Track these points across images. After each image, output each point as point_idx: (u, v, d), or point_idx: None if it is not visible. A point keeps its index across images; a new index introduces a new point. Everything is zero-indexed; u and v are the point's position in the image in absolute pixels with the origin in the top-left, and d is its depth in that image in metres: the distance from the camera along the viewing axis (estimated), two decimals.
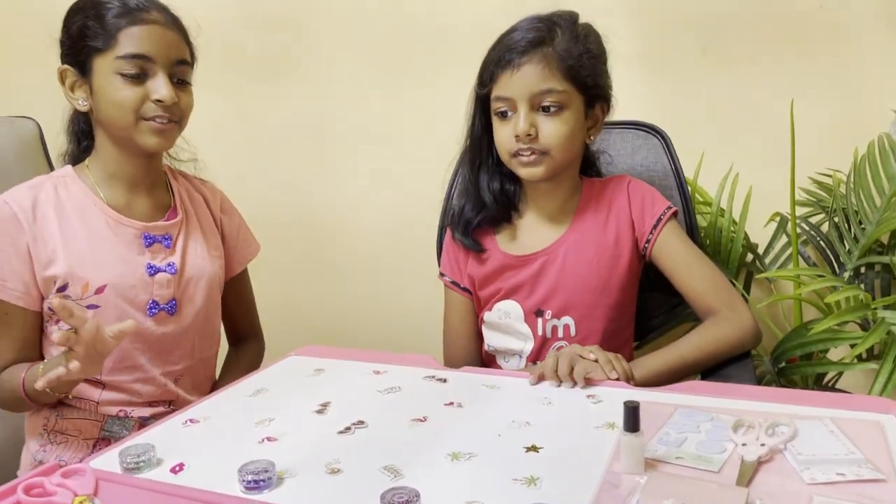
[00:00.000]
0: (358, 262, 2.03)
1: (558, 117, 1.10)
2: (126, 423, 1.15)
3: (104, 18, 1.08)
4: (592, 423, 0.87)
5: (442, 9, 1.84)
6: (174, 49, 1.11)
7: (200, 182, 1.30)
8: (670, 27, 1.69)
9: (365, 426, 0.89)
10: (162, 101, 1.08)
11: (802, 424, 0.81)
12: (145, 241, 1.15)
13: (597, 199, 1.20)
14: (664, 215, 1.17)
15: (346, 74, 1.95)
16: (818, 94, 1.59)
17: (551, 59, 1.09)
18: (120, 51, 1.07)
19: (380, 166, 1.97)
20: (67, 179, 1.15)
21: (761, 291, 1.70)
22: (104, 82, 1.09)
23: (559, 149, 1.11)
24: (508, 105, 1.11)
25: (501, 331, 1.23)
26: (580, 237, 1.18)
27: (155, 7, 1.11)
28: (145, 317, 1.14)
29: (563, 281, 1.17)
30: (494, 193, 1.21)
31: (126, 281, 1.12)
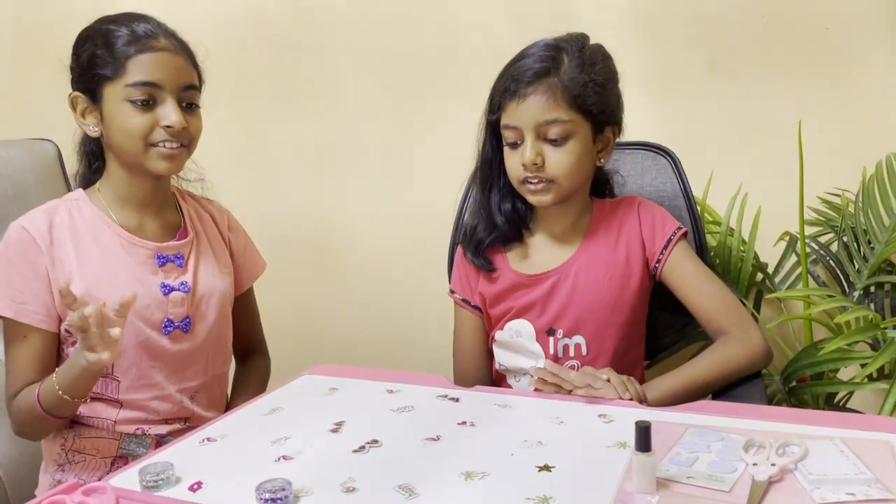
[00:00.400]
0: (368, 278, 2.05)
1: (564, 147, 1.12)
2: (143, 441, 1.17)
3: (113, 47, 1.10)
4: (604, 443, 0.88)
5: (451, 30, 1.86)
6: (182, 75, 1.13)
7: (207, 202, 1.33)
8: (677, 47, 1.71)
9: (379, 445, 0.90)
10: (171, 127, 1.10)
11: (813, 444, 0.82)
12: (158, 261, 1.18)
13: (607, 219, 1.22)
14: (674, 235, 1.18)
15: (356, 93, 1.98)
16: (826, 114, 1.61)
17: (556, 90, 1.10)
18: (129, 79, 1.09)
19: (390, 184, 1.99)
20: (80, 203, 1.18)
21: (772, 311, 1.71)
22: (114, 109, 1.11)
23: (566, 177, 1.13)
24: (516, 134, 1.13)
25: (512, 349, 1.24)
26: (591, 256, 1.19)
27: (163, 34, 1.13)
28: (161, 335, 1.16)
29: (575, 300, 1.18)
30: (506, 214, 1.23)
31: (142, 300, 1.14)
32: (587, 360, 1.18)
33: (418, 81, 1.91)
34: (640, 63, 1.72)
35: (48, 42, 2.25)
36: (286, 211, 2.08)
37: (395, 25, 1.91)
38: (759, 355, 1.10)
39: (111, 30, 1.11)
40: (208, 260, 1.24)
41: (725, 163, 1.66)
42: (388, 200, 2.00)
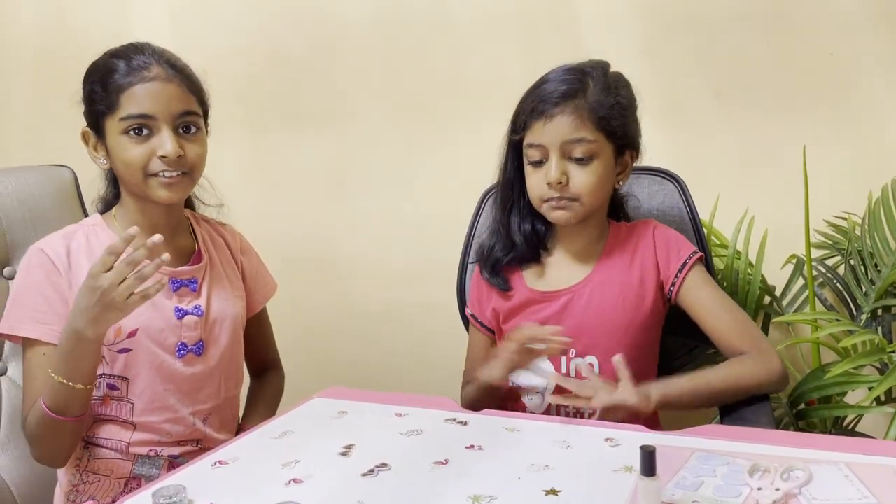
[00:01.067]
0: (377, 298, 2.06)
1: (588, 166, 1.14)
2: (156, 462, 1.19)
3: (107, 82, 1.12)
4: (610, 467, 0.89)
5: (458, 57, 1.89)
6: (176, 102, 1.13)
7: (221, 225, 1.35)
8: (685, 74, 1.73)
9: (388, 468, 0.92)
10: (166, 157, 1.12)
11: (817, 469, 0.82)
12: (173, 286, 1.20)
13: (623, 241, 1.23)
14: (690, 259, 1.19)
15: (364, 119, 2.00)
16: (831, 138, 1.62)
17: (583, 110, 1.13)
18: (122, 112, 1.11)
19: (397, 206, 2.01)
20: (97, 228, 1.20)
21: (780, 333, 1.71)
22: (114, 143, 1.13)
23: (588, 196, 1.15)
24: (541, 152, 1.15)
25: (524, 367, 1.24)
26: (605, 277, 1.21)
27: (157, 62, 1.13)
28: (174, 358, 1.18)
29: (588, 320, 1.19)
30: (525, 234, 1.25)
31: (156, 324, 1.17)
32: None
33: (425, 107, 1.94)
34: (648, 89, 1.71)
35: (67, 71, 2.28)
36: (297, 232, 2.11)
37: (402, 53, 1.94)
38: (775, 377, 1.12)
39: (108, 63, 1.14)
40: (221, 284, 1.26)
41: (732, 186, 1.67)
42: (396, 222, 2.02)
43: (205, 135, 1.20)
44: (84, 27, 2.19)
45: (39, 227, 1.37)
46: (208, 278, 1.24)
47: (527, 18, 1.83)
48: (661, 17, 1.73)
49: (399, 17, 1.93)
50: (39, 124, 2.26)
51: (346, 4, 1.98)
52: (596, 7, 1.78)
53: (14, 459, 1.31)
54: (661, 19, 1.74)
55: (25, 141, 2.27)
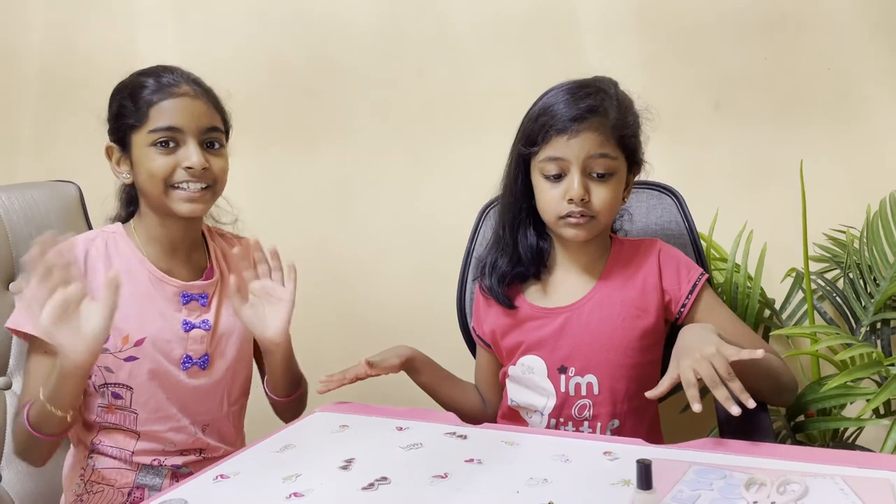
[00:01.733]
0: (382, 313, 2.07)
1: (608, 183, 1.14)
2: (160, 472, 1.21)
3: (138, 97, 1.16)
4: (609, 480, 0.90)
5: (461, 74, 1.91)
6: (203, 118, 1.18)
7: (237, 239, 1.36)
8: (684, 88, 1.75)
9: (388, 482, 0.92)
10: (191, 168, 1.15)
11: (813, 482, 0.83)
12: (183, 300, 1.22)
13: (626, 259, 1.22)
14: (699, 281, 1.19)
15: (369, 135, 2.02)
16: (829, 152, 1.64)
17: (606, 128, 1.12)
18: (152, 125, 1.15)
19: (402, 221, 2.02)
20: (117, 236, 1.23)
21: (780, 346, 1.71)
22: (141, 155, 1.17)
23: (606, 213, 1.15)
24: (560, 167, 1.13)
25: (524, 385, 1.25)
26: (605, 295, 1.20)
27: (185, 80, 1.19)
28: (179, 370, 1.20)
29: (587, 338, 1.18)
30: (531, 251, 1.23)
31: (163, 336, 1.19)
32: (599, 400, 1.18)
33: (428, 120, 1.96)
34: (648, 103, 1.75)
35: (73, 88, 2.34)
36: (300, 246, 2.11)
37: (405, 67, 1.96)
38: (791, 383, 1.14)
39: (138, 81, 1.18)
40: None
41: (731, 200, 1.69)
42: (400, 234, 2.03)
43: (227, 151, 1.24)
44: (91, 45, 2.21)
45: None
46: (219, 293, 1.27)
47: (529, 32, 1.85)
48: (661, 31, 1.75)
49: (402, 31, 1.96)
50: (46, 140, 2.29)
51: (350, 19, 2.00)
52: (597, 21, 1.80)
53: (18, 474, 1.32)
54: (661, 33, 1.76)
55: (32, 157, 2.29)
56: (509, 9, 1.86)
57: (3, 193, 1.42)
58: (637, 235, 1.35)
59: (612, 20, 1.79)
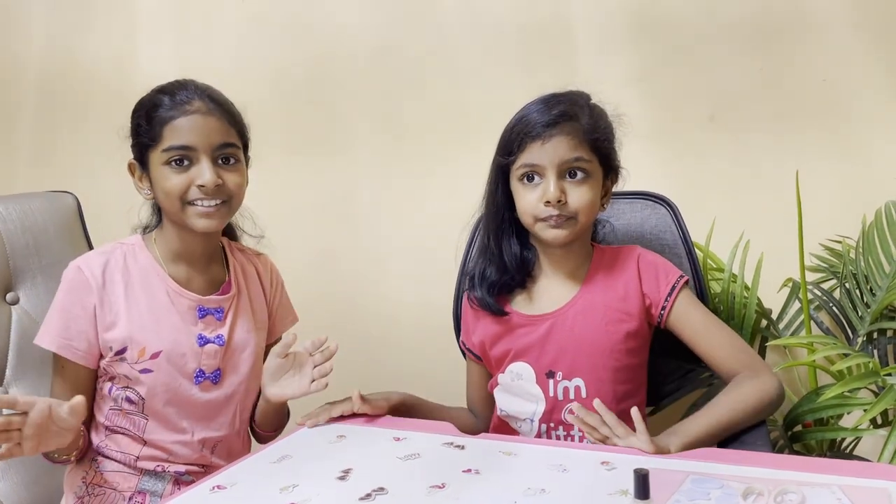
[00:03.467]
0: (382, 328, 2.07)
1: (585, 184, 1.17)
2: (163, 478, 1.21)
3: (152, 116, 1.17)
4: (606, 490, 0.90)
5: (459, 86, 1.92)
6: (216, 134, 1.18)
7: (255, 255, 1.37)
8: (680, 99, 1.76)
9: (385, 493, 0.92)
10: (204, 186, 1.15)
11: (810, 492, 0.83)
12: (199, 313, 1.23)
13: (607, 265, 1.25)
14: (677, 284, 1.21)
15: (369, 147, 2.02)
16: (824, 162, 1.64)
17: (579, 132, 1.16)
18: (165, 144, 1.16)
19: (402, 235, 2.02)
20: (136, 248, 1.24)
21: (777, 356, 1.72)
22: (157, 173, 1.18)
23: (585, 213, 1.18)
24: (536, 171, 1.17)
25: (513, 393, 1.26)
26: (589, 301, 1.23)
27: (198, 96, 1.18)
28: (191, 384, 1.21)
29: (572, 343, 1.21)
30: (516, 259, 1.26)
31: (178, 349, 1.20)
32: (586, 403, 1.20)
33: (428, 135, 1.96)
34: (644, 114, 1.76)
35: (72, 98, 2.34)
36: (297, 258, 2.12)
37: (402, 79, 1.97)
38: (772, 394, 1.12)
39: (155, 99, 1.19)
40: (246, 315, 1.29)
41: (727, 210, 1.69)
42: (402, 248, 2.03)
43: (244, 166, 1.23)
44: (90, 56, 2.22)
45: (43, 253, 1.40)
46: (234, 308, 1.27)
47: (524, 46, 1.86)
48: (656, 44, 1.77)
49: (399, 43, 1.97)
50: (44, 151, 2.29)
51: (349, 32, 2.01)
52: (593, 33, 1.81)
53: (14, 486, 1.32)
54: (656, 46, 1.77)
55: (30, 168, 2.29)
56: (507, 22, 1.87)
57: (1, 204, 1.42)
58: (631, 243, 1.36)
59: (608, 33, 1.80)
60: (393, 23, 1.97)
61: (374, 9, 1.98)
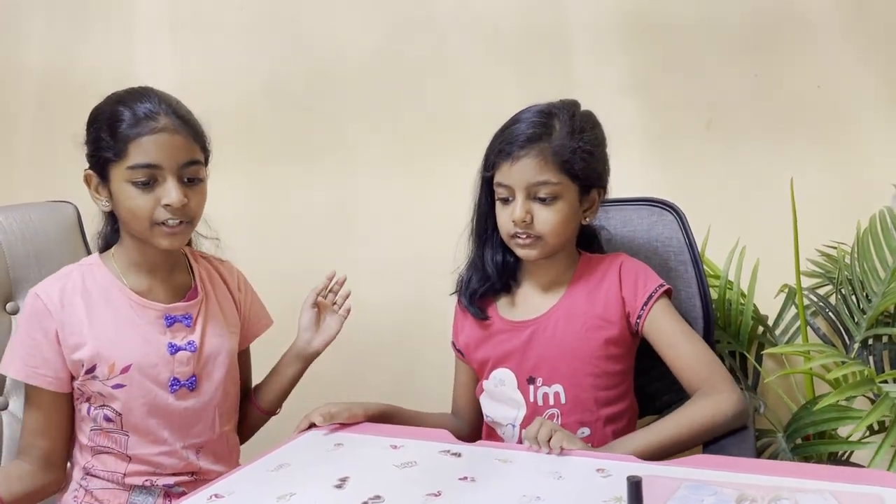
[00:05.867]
0: (377, 335, 2.07)
1: (552, 206, 1.18)
2: (153, 491, 1.21)
3: (116, 130, 1.14)
4: (601, 498, 0.90)
5: (456, 95, 1.93)
6: (182, 152, 1.16)
7: (219, 262, 1.37)
8: (675, 104, 1.76)
9: (382, 501, 0.93)
10: (171, 206, 1.14)
11: (803, 498, 0.84)
12: (167, 322, 1.23)
13: (590, 273, 1.26)
14: (656, 293, 1.21)
15: (365, 156, 2.03)
16: (819, 169, 1.65)
17: (547, 154, 1.17)
18: (130, 161, 1.13)
19: (398, 244, 2.03)
20: (94, 267, 1.24)
21: (774, 364, 1.72)
22: (119, 189, 1.16)
23: (552, 234, 1.19)
24: (508, 192, 1.20)
25: (497, 399, 1.28)
26: (570, 308, 1.24)
27: (164, 112, 1.15)
28: (167, 393, 1.21)
29: (552, 349, 1.23)
30: (497, 265, 1.29)
31: (149, 360, 1.20)
32: (566, 409, 1.22)
33: (425, 143, 1.97)
34: (640, 121, 1.78)
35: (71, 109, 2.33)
36: (298, 268, 2.12)
37: (401, 89, 1.98)
38: (728, 413, 1.11)
39: (115, 111, 1.16)
40: (216, 320, 1.28)
41: (723, 217, 1.70)
42: (397, 256, 2.03)
43: (205, 183, 1.22)
44: (88, 67, 2.23)
45: (43, 263, 1.40)
46: (203, 314, 1.27)
47: (522, 52, 1.88)
48: (652, 51, 1.78)
49: (398, 53, 1.98)
50: (43, 160, 2.30)
51: (346, 39, 2.02)
52: (590, 40, 1.82)
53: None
54: (652, 53, 1.78)
55: (29, 177, 2.30)
56: (504, 29, 1.89)
57: (1, 214, 1.44)
58: (639, 251, 1.37)
59: (605, 39, 1.81)
60: (391, 29, 1.98)
61: (373, 15, 2.00)
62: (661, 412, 1.43)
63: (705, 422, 1.11)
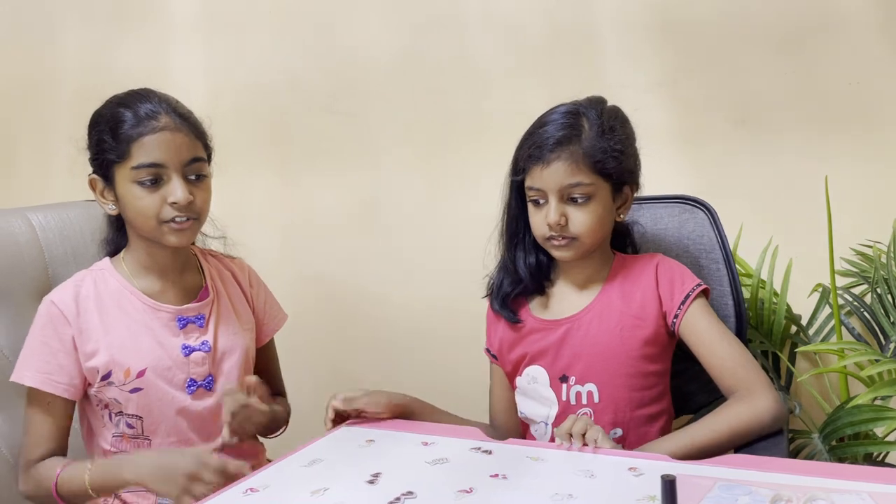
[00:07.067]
0: (402, 336, 2.08)
1: (586, 207, 1.18)
2: None
3: (117, 131, 1.16)
4: (634, 496, 0.90)
5: (480, 93, 1.93)
6: (185, 150, 1.17)
7: (229, 259, 1.38)
8: (706, 102, 1.75)
9: (414, 497, 0.93)
10: (177, 203, 1.16)
11: (839, 498, 0.83)
12: (179, 324, 1.24)
13: (625, 273, 1.25)
14: (692, 292, 1.20)
15: (392, 156, 2.04)
16: (854, 167, 1.63)
17: (578, 156, 1.16)
18: (134, 161, 1.15)
19: (422, 243, 2.04)
20: (105, 272, 1.25)
21: (807, 363, 1.70)
22: (125, 191, 1.18)
23: (587, 235, 1.19)
24: (540, 195, 1.20)
25: (529, 396, 1.28)
26: (605, 307, 1.23)
27: (164, 111, 1.17)
28: (185, 394, 1.22)
29: (586, 348, 1.22)
30: (530, 268, 1.28)
31: (163, 363, 1.21)
32: (599, 409, 1.21)
33: (449, 143, 1.97)
34: (670, 119, 1.76)
35: None
36: (323, 268, 2.14)
37: (427, 89, 1.98)
38: (764, 417, 1.10)
39: (116, 113, 1.18)
40: (229, 318, 1.29)
41: (756, 215, 1.68)
42: (423, 256, 2.04)
43: (210, 179, 1.24)
44: (123, 67, 2.27)
45: (80, 261, 1.43)
46: (216, 313, 1.28)
47: (549, 52, 1.87)
48: (682, 48, 1.76)
49: (423, 53, 1.98)
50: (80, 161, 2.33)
51: (371, 41, 2.03)
52: (617, 38, 1.81)
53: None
54: (682, 50, 1.76)
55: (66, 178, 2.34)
56: (528, 28, 1.88)
57: (40, 213, 1.46)
58: (669, 249, 1.37)
59: (633, 37, 1.80)
60: (416, 29, 1.98)
61: (397, 16, 2.00)
62: (696, 413, 1.43)
63: (741, 426, 1.10)
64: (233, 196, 1.31)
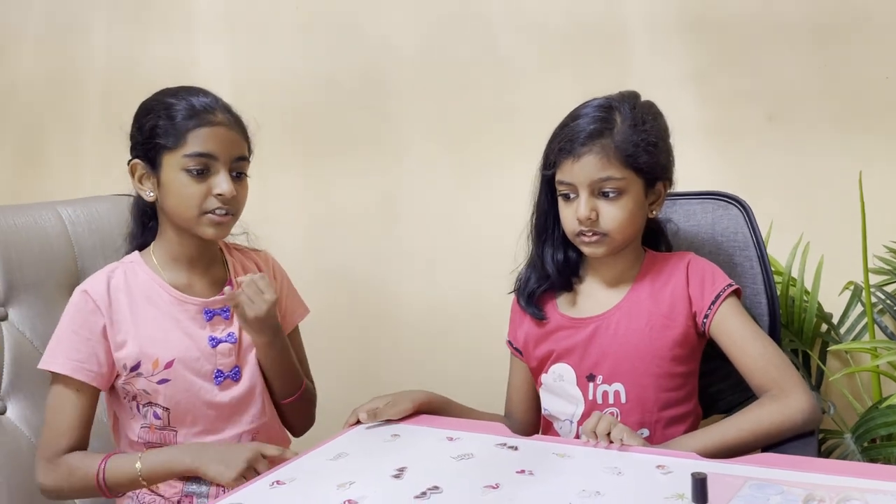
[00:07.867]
0: (427, 331, 2.08)
1: (617, 202, 1.16)
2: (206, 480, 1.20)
3: (174, 119, 1.19)
4: (662, 494, 0.89)
5: (508, 89, 1.92)
6: (235, 147, 1.22)
7: (254, 252, 1.40)
8: (736, 97, 1.73)
9: (440, 492, 0.93)
10: (223, 195, 1.19)
11: (873, 499, 0.81)
12: (206, 316, 1.26)
13: (656, 271, 1.24)
14: (724, 292, 1.18)
15: (418, 151, 2.04)
16: (889, 162, 1.59)
17: (609, 150, 1.15)
18: (188, 150, 1.18)
19: (449, 238, 2.03)
20: (135, 265, 1.27)
21: (838, 362, 1.67)
22: (171, 177, 1.20)
23: (618, 231, 1.17)
24: (570, 189, 1.18)
25: (555, 394, 1.27)
26: (634, 306, 1.22)
27: (219, 108, 1.22)
28: (213, 385, 1.24)
29: (614, 347, 1.20)
30: (558, 265, 1.27)
31: (191, 354, 1.23)
32: (626, 409, 1.19)
33: (474, 139, 1.97)
34: (700, 114, 1.74)
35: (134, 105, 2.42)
36: (349, 261, 2.15)
37: (453, 83, 1.98)
38: (797, 417, 1.08)
39: (172, 103, 1.21)
40: None
41: (786, 212, 1.66)
42: (448, 251, 2.04)
43: (248, 180, 1.27)
44: (151, 63, 2.29)
45: (109, 254, 1.44)
46: None
47: (576, 47, 1.85)
48: (712, 43, 1.74)
49: (447, 47, 1.98)
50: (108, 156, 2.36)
51: (397, 36, 2.03)
52: (646, 32, 1.79)
53: None
54: (712, 44, 1.74)
55: (96, 172, 2.37)
56: (555, 23, 1.87)
57: (70, 207, 1.49)
58: (702, 246, 1.35)
59: (662, 32, 1.78)
60: (443, 26, 1.98)
61: (423, 12, 2.00)
62: (726, 413, 1.41)
63: (772, 426, 1.08)
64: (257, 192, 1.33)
